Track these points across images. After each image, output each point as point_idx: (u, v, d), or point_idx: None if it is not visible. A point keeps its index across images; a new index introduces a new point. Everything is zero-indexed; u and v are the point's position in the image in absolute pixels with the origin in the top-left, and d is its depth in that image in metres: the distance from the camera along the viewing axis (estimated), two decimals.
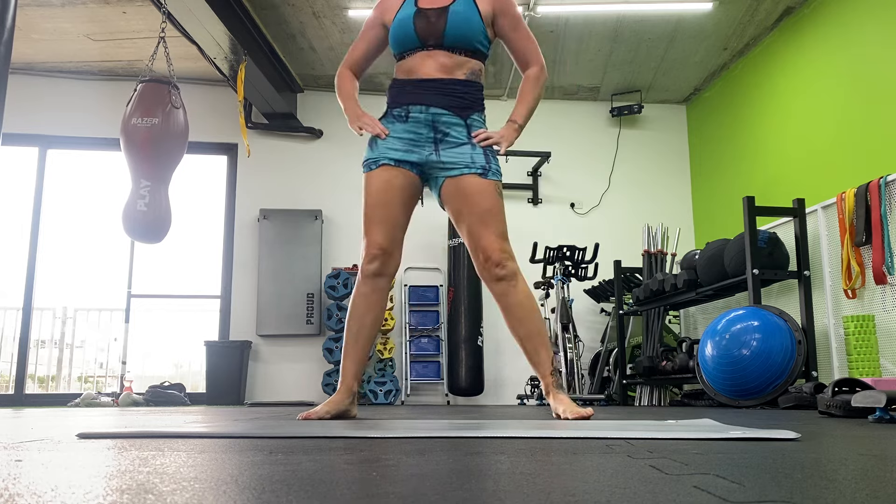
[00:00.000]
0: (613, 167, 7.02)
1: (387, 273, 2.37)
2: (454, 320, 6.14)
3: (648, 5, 5.42)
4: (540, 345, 2.35)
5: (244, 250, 6.61)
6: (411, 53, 2.37)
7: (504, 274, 2.32)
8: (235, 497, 0.61)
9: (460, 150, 2.33)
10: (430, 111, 2.33)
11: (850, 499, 0.59)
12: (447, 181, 2.34)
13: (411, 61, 2.37)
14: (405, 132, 2.35)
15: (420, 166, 2.36)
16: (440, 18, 2.33)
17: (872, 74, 4.56)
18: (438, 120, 2.33)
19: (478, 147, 2.34)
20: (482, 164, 2.32)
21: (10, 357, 6.47)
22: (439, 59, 2.35)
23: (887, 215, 3.99)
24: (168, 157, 4.64)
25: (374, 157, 2.37)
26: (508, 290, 2.33)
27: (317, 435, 1.38)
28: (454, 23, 2.32)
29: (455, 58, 2.35)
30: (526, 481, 0.70)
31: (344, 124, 2.51)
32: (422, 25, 2.33)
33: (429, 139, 2.34)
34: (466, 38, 2.34)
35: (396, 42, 2.40)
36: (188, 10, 4.74)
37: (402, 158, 2.35)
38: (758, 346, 3.62)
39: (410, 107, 2.34)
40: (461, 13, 2.34)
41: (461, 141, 2.34)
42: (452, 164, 2.32)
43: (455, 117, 2.34)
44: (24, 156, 6.63)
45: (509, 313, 2.35)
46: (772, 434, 1.24)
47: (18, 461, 0.93)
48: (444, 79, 2.34)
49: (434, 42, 2.34)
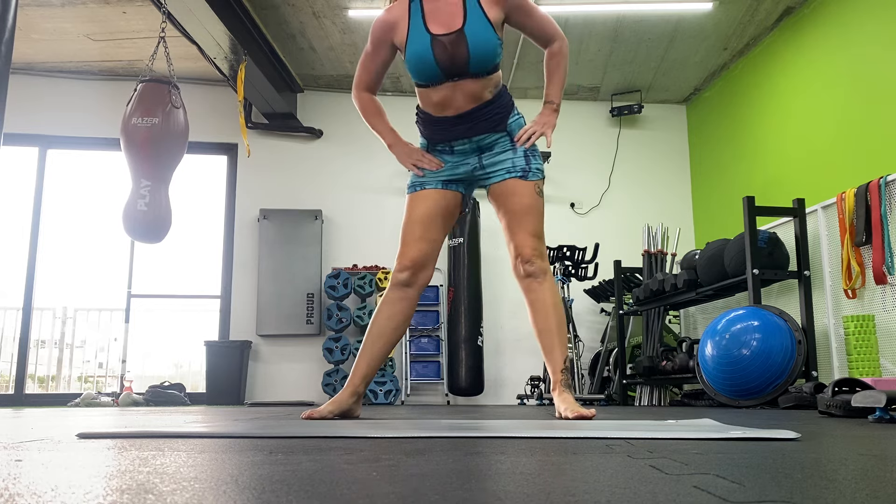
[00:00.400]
0: (613, 167, 7.02)
1: (416, 284, 2.42)
2: (454, 320, 6.14)
3: (648, 5, 5.42)
4: (556, 342, 2.41)
5: (244, 250, 6.61)
6: (436, 85, 2.33)
7: (533, 270, 2.40)
8: (235, 497, 0.61)
9: (502, 157, 2.41)
10: (474, 140, 2.40)
11: (850, 499, 0.59)
12: (492, 187, 2.44)
13: (437, 94, 2.34)
14: (452, 161, 2.44)
15: (465, 179, 2.46)
16: (460, 45, 2.26)
17: (872, 74, 4.56)
18: (483, 143, 2.41)
19: (518, 150, 2.41)
20: (522, 167, 2.40)
21: (10, 357, 6.47)
22: (468, 87, 2.32)
23: (887, 215, 3.99)
24: (168, 157, 4.64)
25: (421, 182, 2.44)
26: (534, 286, 2.41)
27: (317, 435, 1.38)
28: (476, 48, 2.27)
29: (481, 81, 2.33)
30: (526, 481, 0.70)
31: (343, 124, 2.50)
32: (443, 58, 2.27)
33: (475, 158, 2.43)
34: (489, 59, 2.31)
35: (418, 74, 2.34)
36: (188, 10, 4.74)
37: (448, 178, 2.43)
38: (758, 346, 3.62)
39: (453, 143, 2.41)
40: (479, 34, 2.27)
41: (504, 149, 2.42)
42: (495, 172, 2.42)
43: (496, 133, 2.40)
44: (24, 156, 6.63)
45: (533, 308, 2.43)
46: (772, 434, 1.24)
47: (18, 461, 0.93)
48: (475, 108, 2.35)
49: (458, 72, 2.29)
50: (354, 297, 6.43)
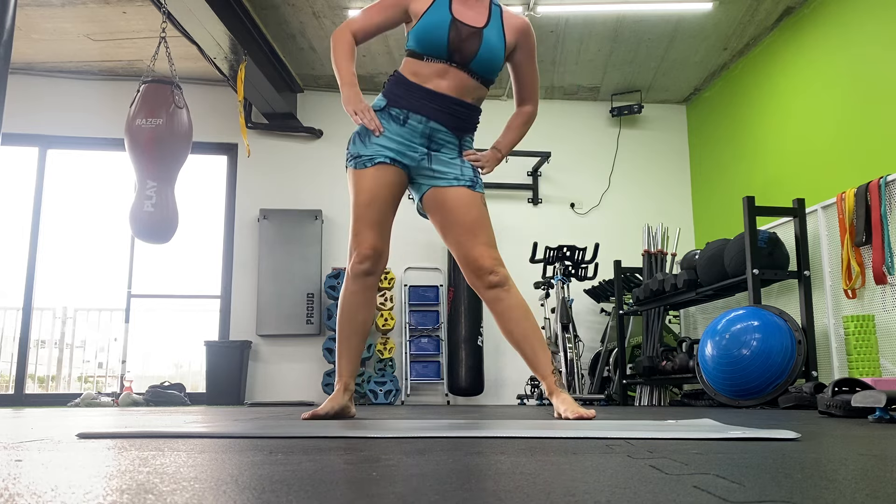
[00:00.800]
0: (613, 167, 7.02)
1: (377, 271, 2.38)
2: (454, 320, 6.14)
3: (648, 5, 5.42)
4: (538, 346, 2.36)
5: (244, 250, 6.61)
6: (431, 61, 2.32)
7: (497, 280, 2.35)
8: (235, 497, 0.61)
9: (451, 164, 2.37)
10: (430, 125, 2.33)
11: (850, 499, 0.59)
12: (432, 190, 2.37)
13: (429, 68, 2.32)
14: (399, 135, 2.33)
15: (409, 168, 2.37)
16: (473, 40, 2.30)
17: (872, 74, 4.56)
18: (435, 135, 2.35)
19: (466, 162, 2.40)
20: (471, 177, 2.38)
21: (10, 357, 6.47)
22: (459, 77, 2.32)
23: (887, 215, 3.99)
24: (173, 157, 4.64)
25: (369, 155, 2.33)
26: (501, 295, 2.36)
27: (317, 435, 1.38)
28: (486, 50, 2.32)
29: (471, 81, 2.35)
30: (526, 481, 0.70)
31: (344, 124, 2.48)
32: (455, 38, 2.29)
33: (422, 147, 2.35)
34: (491, 67, 2.36)
35: (421, 43, 2.32)
36: (188, 10, 4.74)
37: (396, 158, 2.34)
38: (758, 346, 3.62)
39: (411, 113, 2.32)
40: (493, 42, 2.34)
41: (452, 157, 2.38)
42: (442, 175, 2.36)
43: (451, 136, 2.37)
44: (24, 156, 6.63)
45: (504, 318, 2.37)
46: (772, 434, 1.24)
47: (18, 461, 0.93)
48: (453, 98, 2.33)
49: (459, 59, 2.31)
50: None
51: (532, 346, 2.36)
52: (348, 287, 2.37)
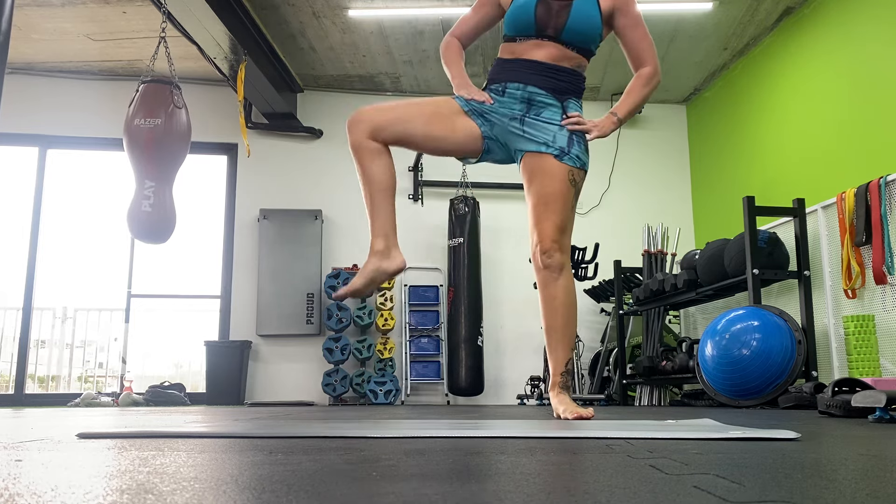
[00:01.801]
0: (613, 167, 7.02)
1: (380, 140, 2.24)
2: (454, 320, 6.14)
3: (648, 5, 5.42)
4: (561, 341, 2.37)
5: (244, 250, 6.61)
6: (524, 40, 2.35)
7: (550, 263, 2.34)
8: (235, 497, 0.61)
9: (546, 127, 2.31)
10: (528, 89, 2.32)
11: (850, 499, 0.59)
12: (527, 155, 2.33)
13: (521, 46, 2.35)
14: (498, 102, 2.33)
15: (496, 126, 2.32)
16: (563, 11, 2.30)
17: (872, 74, 4.56)
18: (534, 98, 2.32)
19: (564, 130, 2.32)
20: (561, 146, 2.30)
21: (10, 357, 6.47)
22: (550, 49, 2.33)
23: (887, 215, 3.99)
24: (172, 158, 4.64)
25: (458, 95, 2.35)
26: (549, 280, 2.36)
27: (317, 435, 1.38)
28: (577, 19, 2.30)
29: (566, 52, 2.34)
30: (526, 481, 0.70)
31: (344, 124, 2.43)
32: (543, 14, 2.31)
33: (519, 111, 2.32)
34: (584, 35, 2.34)
35: (512, 25, 2.36)
36: (188, 10, 4.74)
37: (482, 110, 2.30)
38: (758, 345, 3.62)
39: (508, 84, 2.33)
40: (584, 10, 2.32)
41: (551, 120, 2.32)
42: (532, 138, 2.31)
43: (551, 98, 2.33)
44: (24, 156, 6.63)
45: (544, 302, 2.39)
46: (772, 434, 1.24)
47: (18, 461, 0.93)
48: (548, 63, 2.32)
49: (552, 33, 2.31)
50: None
51: (555, 340, 2.37)
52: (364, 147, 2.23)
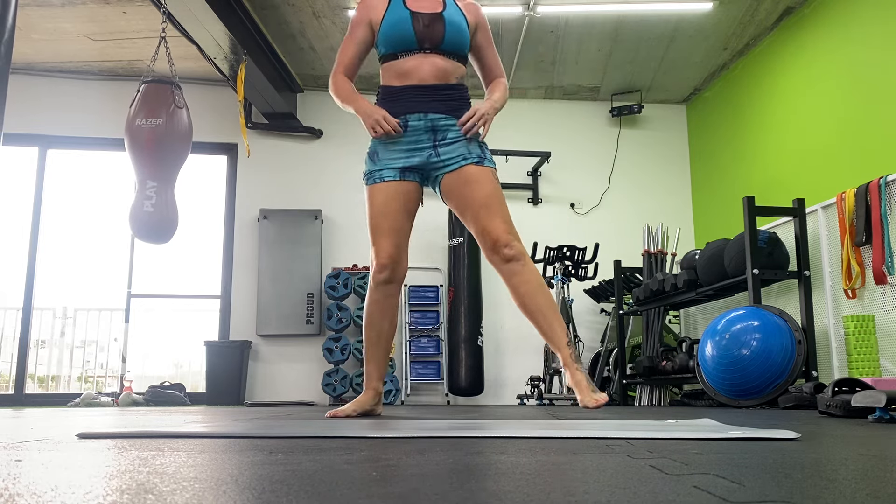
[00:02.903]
0: (613, 167, 7.02)
1: (396, 279, 2.47)
2: (454, 320, 6.14)
3: (648, 5, 5.42)
4: (553, 318, 2.42)
5: (244, 250, 6.61)
6: (406, 55, 2.43)
7: (512, 254, 2.40)
8: (235, 497, 0.61)
9: (457, 146, 2.44)
10: (429, 117, 2.42)
11: (850, 499, 0.59)
12: (446, 176, 2.44)
13: (407, 63, 2.43)
14: (404, 142, 2.43)
15: (421, 169, 2.46)
16: (437, 24, 2.42)
17: (872, 74, 4.56)
18: (437, 124, 2.43)
19: (474, 141, 2.47)
20: (478, 154, 2.45)
21: (10, 357, 6.47)
22: (436, 61, 2.43)
23: (887, 215, 3.99)
24: (173, 157, 4.65)
25: (378, 170, 2.45)
26: (516, 268, 2.41)
27: (317, 435, 1.38)
28: (452, 28, 2.43)
29: (450, 62, 2.45)
30: (526, 481, 0.70)
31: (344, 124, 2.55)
32: (420, 29, 2.40)
33: (429, 142, 2.43)
34: (461, 44, 2.48)
35: (390, 42, 2.44)
36: (188, 10, 4.74)
37: (404, 166, 2.43)
38: (758, 345, 3.62)
39: (408, 116, 2.42)
40: (455, 20, 2.46)
41: (458, 138, 2.45)
42: (451, 160, 2.43)
43: (451, 118, 2.45)
44: (24, 156, 6.63)
45: (518, 291, 2.42)
46: (772, 434, 1.24)
47: (18, 461, 0.93)
48: (439, 85, 2.43)
49: (431, 46, 2.42)
50: (354, 297, 6.43)
51: (547, 318, 2.41)
52: (371, 296, 2.48)
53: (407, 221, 2.46)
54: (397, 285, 2.47)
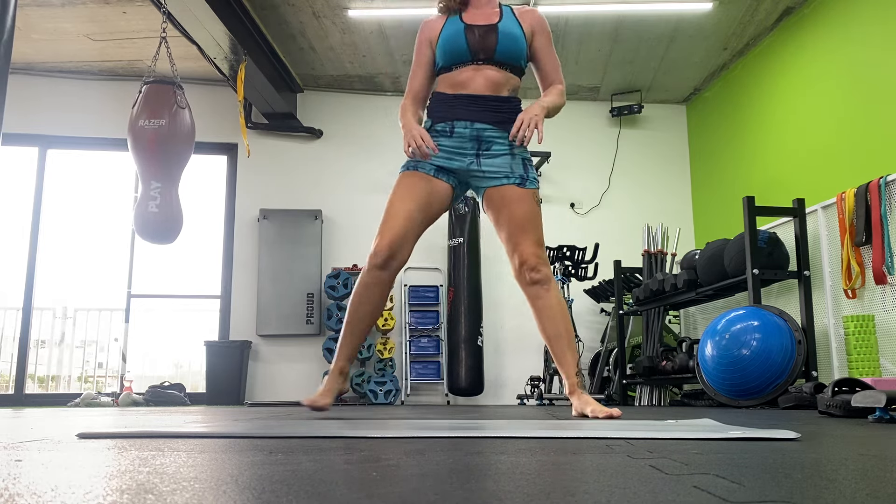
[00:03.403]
0: (613, 167, 7.02)
1: (392, 267, 2.43)
2: (454, 320, 6.14)
3: (648, 5, 5.42)
4: (567, 346, 2.47)
5: (244, 250, 6.61)
6: (461, 66, 2.47)
7: (539, 278, 2.45)
8: (235, 497, 0.61)
9: (501, 161, 2.46)
10: (476, 126, 2.45)
11: (850, 499, 0.59)
12: (489, 190, 2.47)
13: (461, 75, 2.47)
14: (448, 146, 2.45)
15: (459, 174, 2.48)
16: (490, 35, 2.45)
17: (872, 74, 4.56)
18: (483, 135, 2.45)
19: (517, 157, 2.48)
20: (520, 174, 2.47)
21: (10, 357, 6.47)
22: (489, 73, 2.46)
23: (887, 215, 3.99)
24: (177, 158, 4.65)
25: (414, 163, 2.46)
26: (541, 293, 2.45)
27: (317, 435, 1.38)
28: (505, 39, 2.45)
29: (503, 73, 2.48)
30: (526, 481, 0.70)
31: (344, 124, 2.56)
32: (473, 40, 2.44)
33: (472, 150, 2.45)
34: (515, 54, 2.49)
35: (446, 54, 2.48)
36: (188, 10, 4.74)
37: (443, 165, 2.45)
38: (758, 346, 3.62)
39: (456, 122, 2.45)
40: (510, 30, 2.48)
41: (503, 152, 2.47)
42: (493, 174, 2.45)
43: (498, 131, 2.47)
44: (24, 156, 6.63)
45: (541, 315, 2.47)
46: (772, 434, 1.24)
47: (18, 461, 0.93)
48: (489, 96, 2.46)
49: (485, 56, 2.45)
50: None
51: (562, 346, 2.47)
52: (362, 278, 2.46)
53: (423, 216, 2.43)
54: (390, 275, 2.42)
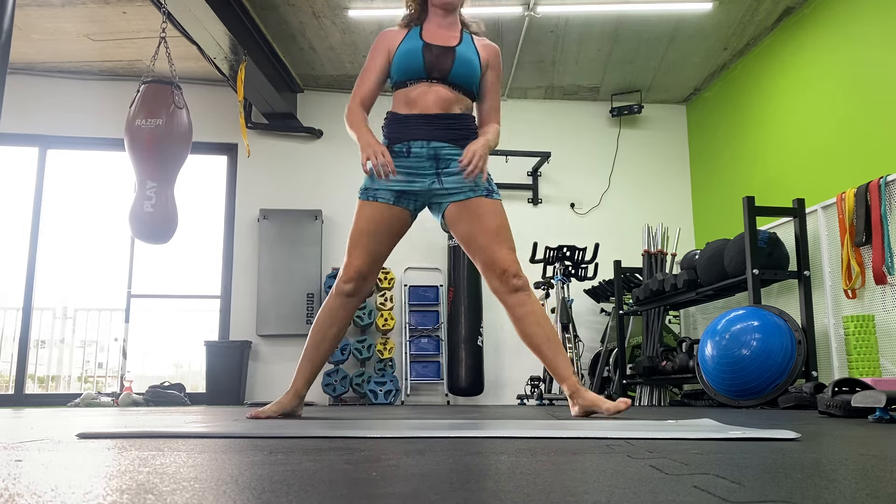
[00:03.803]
0: (613, 167, 7.02)
1: (359, 294, 2.49)
2: (454, 320, 6.14)
3: (648, 5, 5.42)
4: (558, 349, 2.48)
5: (244, 250, 6.61)
6: (414, 83, 2.49)
7: (520, 284, 2.48)
8: (235, 497, 0.61)
9: (462, 177, 2.45)
10: (432, 145, 2.45)
11: (850, 499, 0.59)
12: (452, 206, 2.48)
13: (413, 91, 2.48)
14: (406, 167, 2.46)
15: (420, 195, 2.48)
16: (447, 56, 2.48)
17: (872, 74, 4.56)
18: (440, 153, 2.46)
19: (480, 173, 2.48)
20: (486, 187, 2.49)
21: (10, 357, 6.47)
22: (441, 91, 2.47)
23: (887, 215, 3.99)
24: (173, 158, 4.64)
25: (375, 189, 2.48)
26: (524, 299, 2.48)
27: (317, 435, 1.38)
28: (460, 63, 2.48)
29: (455, 93, 2.49)
30: (526, 481, 0.70)
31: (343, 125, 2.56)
32: (430, 58, 2.46)
33: (431, 170, 2.46)
34: (468, 79, 2.51)
35: (401, 70, 2.50)
36: (188, 10, 4.74)
37: (403, 189, 2.46)
38: (758, 346, 3.62)
39: (412, 143, 2.45)
40: (466, 55, 2.50)
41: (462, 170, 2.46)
42: (457, 189, 2.46)
43: (455, 148, 2.47)
44: (24, 156, 6.63)
45: (524, 322, 2.48)
46: (772, 434, 1.24)
47: (18, 461, 0.93)
48: (443, 114, 2.47)
49: (439, 76, 2.47)
50: None
51: (553, 350, 2.47)
52: (330, 302, 2.50)
53: (387, 246, 2.50)
54: (357, 300, 2.49)
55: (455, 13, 2.58)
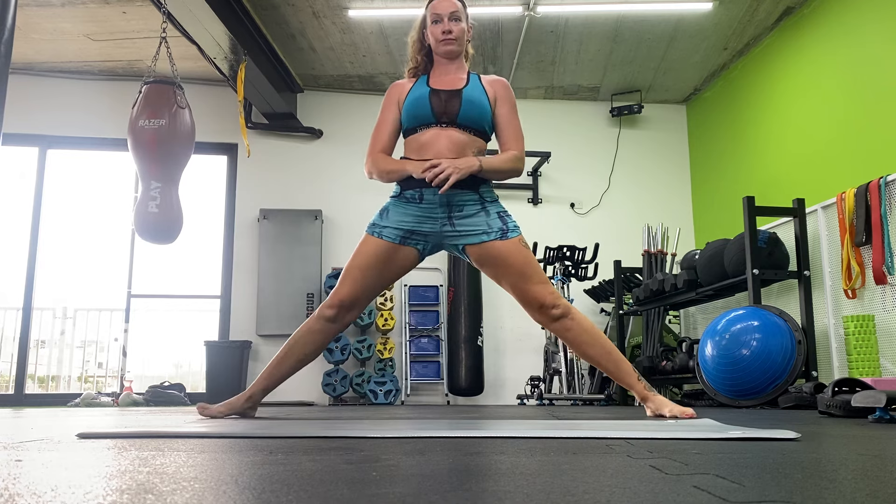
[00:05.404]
0: (613, 167, 7.02)
1: (341, 321, 2.49)
2: (454, 320, 6.14)
3: (648, 5, 5.42)
4: (619, 362, 2.48)
5: (244, 250, 6.61)
6: (425, 129, 2.48)
7: (560, 312, 2.45)
8: (235, 497, 0.61)
9: (475, 219, 2.45)
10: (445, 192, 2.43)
11: (850, 499, 0.59)
12: (471, 248, 2.46)
13: (424, 136, 2.48)
14: (417, 212, 2.46)
15: (431, 236, 2.48)
16: (454, 99, 2.48)
17: (872, 74, 4.56)
18: (452, 199, 2.44)
19: (491, 213, 2.46)
20: (499, 228, 2.46)
21: (10, 357, 6.47)
22: (452, 134, 2.46)
23: (887, 215, 3.99)
24: (177, 158, 4.65)
25: (382, 226, 2.47)
26: (568, 324, 2.46)
27: (317, 435, 1.38)
28: (468, 105, 2.47)
29: (467, 135, 2.48)
30: (526, 481, 0.70)
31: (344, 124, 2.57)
32: (437, 104, 2.47)
33: (443, 214, 2.45)
34: (477, 120, 2.50)
35: (410, 117, 2.50)
36: (188, 10, 4.74)
37: (413, 229, 2.45)
38: (758, 346, 3.62)
39: (423, 190, 2.44)
40: (474, 95, 2.50)
41: (475, 211, 2.46)
42: (469, 232, 2.45)
43: (466, 193, 2.45)
44: (24, 156, 6.63)
45: (577, 343, 2.48)
46: (772, 434, 1.24)
47: (18, 461, 0.93)
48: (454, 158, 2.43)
49: (448, 120, 2.46)
50: None
51: (613, 361, 2.47)
52: (310, 321, 2.50)
53: (380, 283, 2.49)
54: (338, 327, 2.48)
55: (460, 59, 2.60)
